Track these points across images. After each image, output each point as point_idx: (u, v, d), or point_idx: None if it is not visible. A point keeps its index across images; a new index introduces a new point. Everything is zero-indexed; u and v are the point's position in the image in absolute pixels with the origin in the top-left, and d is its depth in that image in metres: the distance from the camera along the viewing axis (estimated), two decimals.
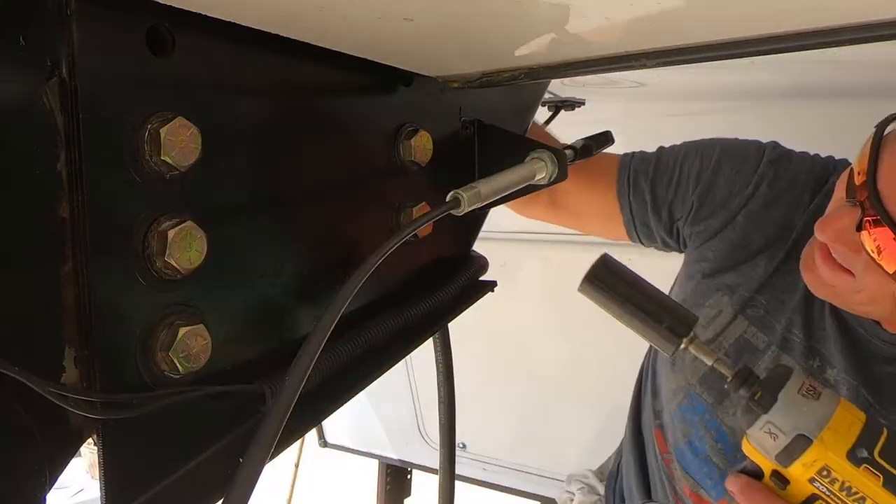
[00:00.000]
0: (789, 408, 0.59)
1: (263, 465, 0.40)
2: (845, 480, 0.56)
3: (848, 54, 0.92)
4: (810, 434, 0.57)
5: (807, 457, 0.57)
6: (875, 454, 0.56)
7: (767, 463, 0.61)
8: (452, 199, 0.54)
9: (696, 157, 1.14)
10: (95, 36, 0.41)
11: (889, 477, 0.55)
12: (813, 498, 0.59)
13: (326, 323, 0.44)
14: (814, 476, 0.57)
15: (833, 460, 0.56)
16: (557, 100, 1.47)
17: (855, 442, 0.56)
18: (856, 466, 0.56)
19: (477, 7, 0.44)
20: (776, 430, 0.59)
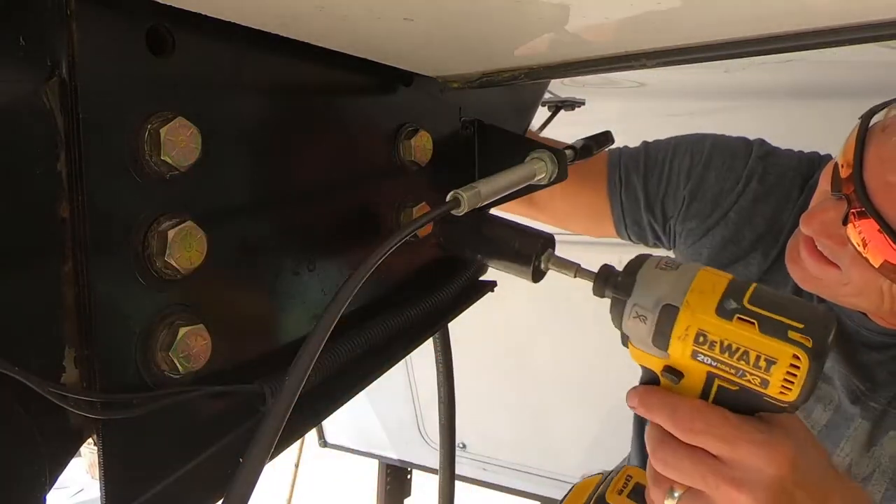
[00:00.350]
0: (649, 283, 0.56)
1: (263, 465, 0.40)
2: (723, 339, 0.53)
3: (848, 54, 0.92)
4: (675, 302, 0.54)
5: (678, 327, 0.54)
6: (745, 303, 0.53)
7: (653, 360, 0.58)
8: (452, 199, 0.54)
9: (686, 152, 1.14)
10: (95, 36, 0.41)
11: (763, 320, 0.52)
12: (709, 380, 0.56)
13: (326, 323, 0.44)
14: (694, 349, 0.54)
15: (704, 321, 0.53)
16: (557, 100, 1.47)
17: (721, 296, 0.53)
18: (728, 320, 0.53)
19: (477, 7, 0.44)
20: (643, 310, 0.56)
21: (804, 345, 0.50)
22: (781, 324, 0.51)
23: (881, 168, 0.77)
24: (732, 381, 0.54)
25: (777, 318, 0.52)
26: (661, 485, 0.59)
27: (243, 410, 0.52)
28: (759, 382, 0.52)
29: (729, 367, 0.53)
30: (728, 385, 0.55)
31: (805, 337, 0.51)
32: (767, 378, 0.52)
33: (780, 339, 0.51)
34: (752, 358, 0.52)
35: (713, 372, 0.55)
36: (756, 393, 0.53)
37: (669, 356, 0.56)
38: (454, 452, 0.89)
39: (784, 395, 0.52)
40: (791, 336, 0.51)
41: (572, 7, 0.43)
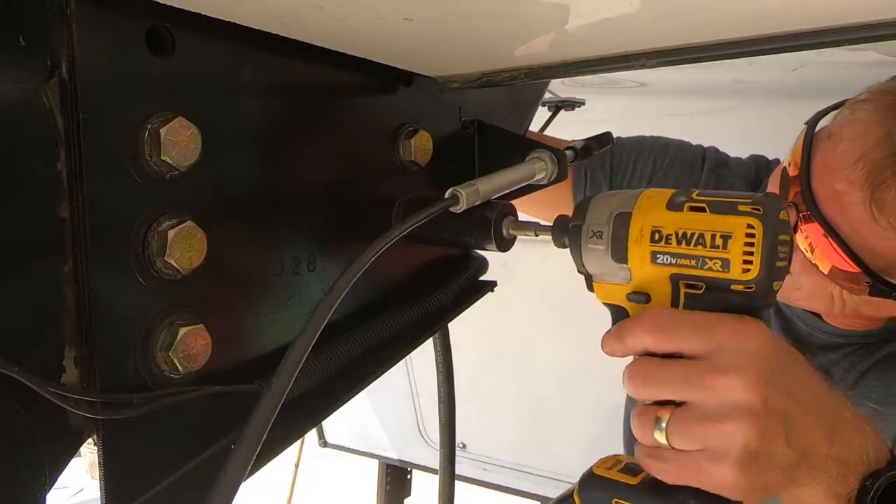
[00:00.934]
0: (602, 202, 0.57)
1: (251, 460, 0.40)
2: (677, 229, 0.52)
3: (849, 54, 0.92)
4: (627, 209, 0.55)
5: (633, 229, 0.54)
6: (692, 196, 0.53)
7: (617, 289, 0.57)
8: (451, 196, 0.54)
9: (649, 156, 1.16)
10: (95, 36, 0.41)
11: (713, 203, 0.52)
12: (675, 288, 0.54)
13: (322, 313, 0.44)
14: (652, 249, 0.53)
15: (656, 217, 0.53)
16: (557, 100, 1.47)
17: (670, 196, 0.54)
18: (679, 211, 0.53)
19: (477, 7, 0.44)
20: (597, 226, 0.56)
21: (755, 213, 0.50)
22: (730, 202, 0.52)
23: (828, 176, 0.77)
24: (696, 276, 0.53)
25: (725, 199, 0.52)
26: (647, 419, 0.53)
27: (243, 410, 0.52)
28: (721, 265, 0.51)
29: (689, 259, 0.52)
30: (694, 289, 0.53)
31: (755, 207, 0.50)
32: (727, 256, 0.51)
33: (731, 214, 0.51)
34: (707, 239, 0.51)
35: (676, 273, 0.53)
36: (722, 284, 0.52)
37: (631, 273, 0.55)
38: (454, 452, 0.89)
39: (748, 272, 0.50)
40: (741, 209, 0.51)
41: (572, 7, 0.43)
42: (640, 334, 0.54)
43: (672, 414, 0.52)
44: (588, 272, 0.59)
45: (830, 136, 0.80)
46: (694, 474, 0.51)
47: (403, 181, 0.67)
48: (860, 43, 0.47)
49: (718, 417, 0.50)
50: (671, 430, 0.52)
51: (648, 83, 1.32)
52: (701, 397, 0.51)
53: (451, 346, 0.84)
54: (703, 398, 0.51)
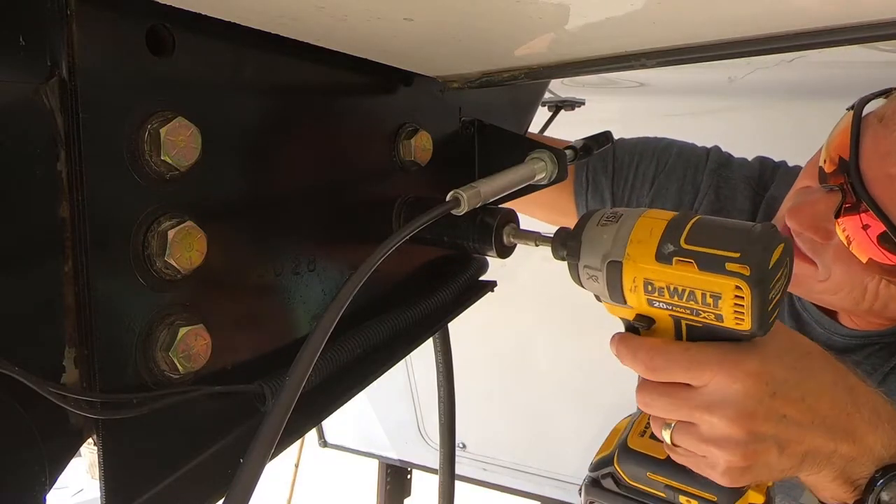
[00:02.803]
0: (592, 242, 0.56)
1: (264, 465, 0.40)
2: (668, 284, 0.52)
3: (848, 54, 0.92)
4: (618, 257, 0.54)
5: (626, 280, 0.54)
6: (681, 243, 0.52)
7: (624, 310, 0.58)
8: (452, 199, 0.54)
9: (652, 158, 1.15)
10: (95, 36, 0.41)
11: (700, 257, 0.51)
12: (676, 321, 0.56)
13: (326, 323, 0.44)
14: (647, 297, 0.54)
15: (646, 269, 0.53)
16: (557, 100, 1.47)
17: (658, 242, 0.53)
18: (668, 264, 0.52)
19: (477, 7, 0.44)
20: (592, 270, 0.56)
21: (742, 274, 0.50)
22: (717, 257, 0.51)
23: (882, 161, 0.75)
24: (693, 320, 0.54)
25: (712, 253, 0.51)
26: (657, 420, 0.61)
27: (243, 410, 0.52)
28: (714, 317, 0.53)
29: (683, 308, 0.53)
30: (694, 323, 0.55)
31: (742, 266, 0.50)
32: (719, 312, 0.52)
33: (718, 274, 0.51)
34: (698, 297, 0.52)
35: (674, 315, 0.55)
36: (718, 329, 0.54)
37: (632, 308, 0.57)
38: (454, 452, 0.89)
39: (740, 324, 0.52)
40: (728, 268, 0.50)
41: (572, 7, 0.43)
42: (633, 363, 0.60)
43: (676, 424, 0.60)
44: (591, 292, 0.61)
45: (882, 120, 0.77)
46: (695, 467, 0.60)
47: (403, 181, 0.67)
48: (860, 43, 0.47)
49: (708, 441, 0.57)
50: (675, 437, 0.60)
51: (648, 83, 1.32)
52: (696, 422, 0.58)
53: (451, 346, 0.84)
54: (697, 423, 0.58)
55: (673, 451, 0.61)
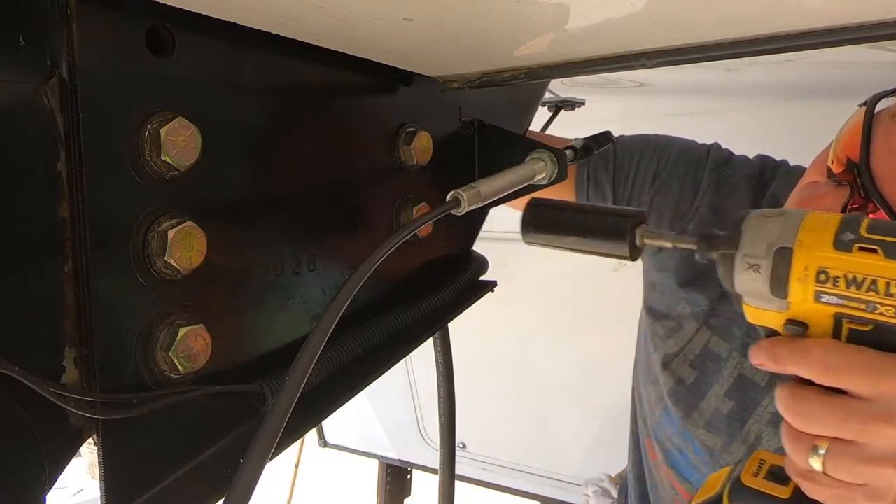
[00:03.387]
0: (756, 231, 0.53)
1: (264, 465, 0.40)
2: (846, 272, 0.49)
3: (847, 54, 0.92)
4: (788, 243, 0.51)
5: (796, 268, 0.50)
6: (862, 232, 0.49)
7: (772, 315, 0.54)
8: (452, 199, 0.54)
9: (653, 155, 1.14)
10: (95, 36, 0.41)
11: (887, 245, 0.48)
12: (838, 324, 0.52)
13: (326, 323, 0.44)
14: (817, 290, 0.50)
15: (822, 257, 0.50)
16: (557, 100, 1.47)
17: (836, 231, 0.50)
18: (848, 252, 0.49)
19: (477, 7, 0.44)
20: (754, 259, 0.52)
21: None
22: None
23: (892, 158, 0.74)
24: (864, 318, 0.50)
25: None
26: (803, 445, 0.53)
27: (243, 410, 0.52)
28: (894, 313, 0.48)
29: (858, 303, 0.49)
30: (860, 326, 0.51)
31: None
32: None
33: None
34: (881, 286, 0.48)
35: (841, 312, 0.51)
36: (893, 328, 0.49)
37: (790, 305, 0.52)
38: (454, 452, 0.89)
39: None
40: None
41: (572, 7, 0.43)
42: (803, 366, 0.53)
43: (831, 446, 0.52)
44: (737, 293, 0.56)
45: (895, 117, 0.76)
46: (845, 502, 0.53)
47: (403, 181, 0.67)
48: (860, 43, 0.47)
49: (880, 461, 0.50)
50: (829, 462, 0.52)
51: (648, 83, 1.32)
52: (865, 440, 0.51)
53: (451, 346, 0.84)
54: (866, 440, 0.51)
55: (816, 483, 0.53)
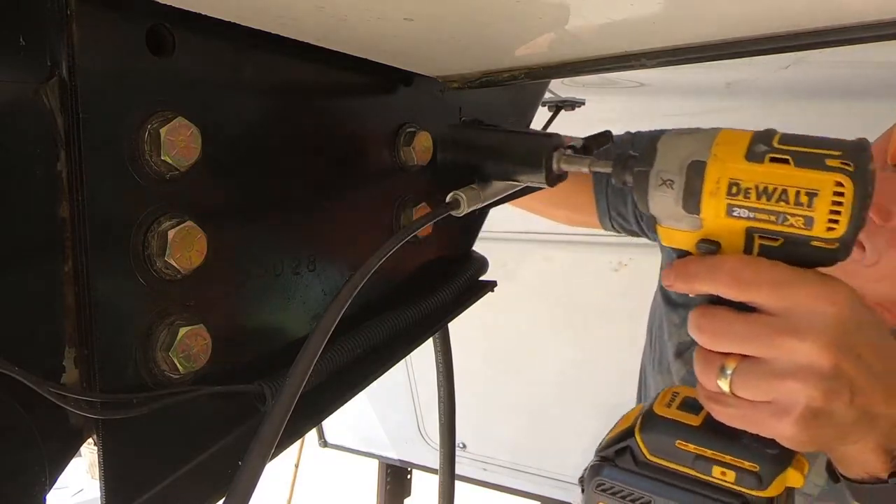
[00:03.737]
0: (671, 147, 0.52)
1: (264, 466, 0.40)
2: (758, 183, 0.48)
3: (849, 54, 0.92)
4: (702, 157, 0.50)
5: (708, 181, 0.50)
6: (774, 144, 0.49)
7: (685, 236, 0.54)
8: (452, 200, 0.54)
9: None
10: (95, 36, 0.41)
11: (798, 155, 0.48)
12: (749, 239, 0.51)
13: (327, 324, 0.44)
14: (729, 202, 0.50)
15: (735, 168, 0.49)
16: (557, 100, 1.47)
17: (749, 143, 0.50)
18: (760, 162, 0.49)
19: (477, 7, 0.44)
20: (668, 174, 0.52)
21: (846, 170, 0.47)
22: (817, 155, 0.48)
23: None
24: (774, 231, 0.50)
25: (812, 151, 0.48)
26: (712, 365, 0.53)
27: (243, 410, 0.52)
28: (804, 223, 0.48)
29: (769, 214, 0.49)
30: (770, 241, 0.51)
31: (845, 162, 0.47)
32: (811, 214, 0.48)
33: (818, 170, 0.47)
34: (791, 196, 0.48)
35: (752, 226, 0.50)
36: (802, 239, 0.49)
37: (703, 223, 0.52)
38: (454, 452, 0.89)
39: (832, 230, 0.48)
40: (830, 164, 0.47)
41: (572, 7, 0.43)
42: (714, 282, 0.52)
43: (738, 365, 0.52)
44: (652, 215, 0.56)
45: None
46: (755, 423, 0.52)
47: (403, 181, 0.67)
48: (860, 43, 0.47)
49: (786, 375, 0.50)
50: (736, 381, 0.52)
51: (648, 83, 1.32)
52: (771, 354, 0.51)
53: (451, 346, 0.84)
54: (773, 356, 0.51)
55: (724, 405, 0.53)
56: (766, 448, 0.54)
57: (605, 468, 0.60)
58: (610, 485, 0.59)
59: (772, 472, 0.53)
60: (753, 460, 0.54)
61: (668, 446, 0.57)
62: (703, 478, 0.55)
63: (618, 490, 0.58)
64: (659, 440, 0.58)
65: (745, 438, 0.54)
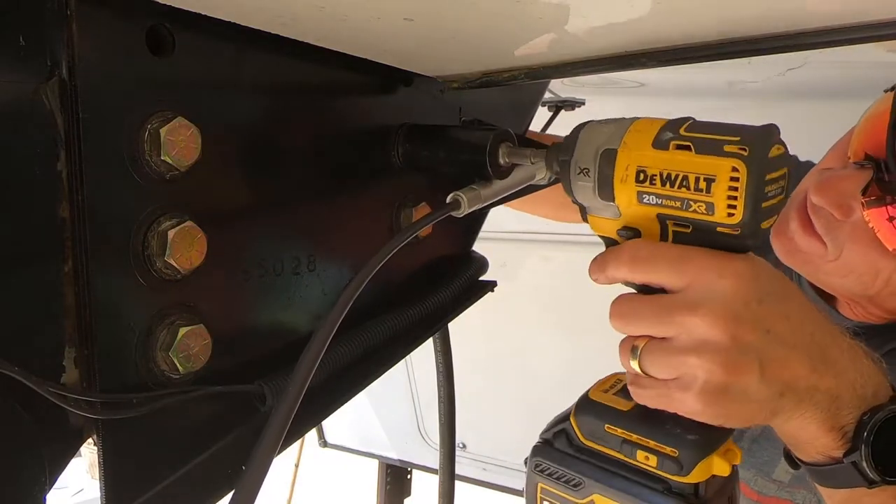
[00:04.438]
0: (590, 136, 0.54)
1: (268, 467, 0.40)
2: (661, 170, 0.50)
3: (848, 54, 0.92)
4: (613, 145, 0.52)
5: (618, 169, 0.52)
6: (680, 131, 0.51)
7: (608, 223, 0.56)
8: (453, 201, 0.54)
9: None
10: (95, 36, 0.41)
11: (698, 142, 0.49)
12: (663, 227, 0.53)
13: (331, 324, 0.44)
14: (638, 189, 0.52)
15: (641, 156, 0.51)
16: (557, 100, 1.47)
17: (658, 131, 0.51)
18: (664, 150, 0.50)
19: (477, 7, 0.44)
20: (584, 163, 0.54)
21: (740, 155, 0.48)
22: (716, 141, 0.49)
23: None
24: (682, 218, 0.52)
25: (711, 137, 0.50)
26: (626, 347, 0.55)
27: (243, 410, 0.52)
28: (705, 209, 0.50)
29: (673, 201, 0.51)
30: (682, 228, 0.53)
31: (741, 147, 0.48)
32: (711, 200, 0.49)
33: (715, 156, 0.49)
34: (691, 182, 0.50)
35: (662, 213, 0.52)
36: (707, 226, 0.51)
37: (620, 210, 0.54)
38: (454, 452, 0.89)
39: (732, 216, 0.49)
40: (727, 150, 0.49)
41: (572, 7, 0.43)
42: (619, 265, 0.54)
43: (645, 345, 0.54)
44: (580, 204, 0.58)
45: None
46: (667, 401, 0.53)
47: (403, 181, 0.67)
48: (860, 43, 0.47)
49: (685, 350, 0.51)
50: (644, 360, 0.54)
51: (648, 83, 1.32)
52: (672, 332, 0.52)
53: (451, 346, 0.84)
54: (674, 332, 0.52)
55: (640, 386, 0.55)
56: (687, 434, 0.54)
57: (544, 450, 0.62)
58: (546, 466, 0.61)
59: (691, 458, 0.54)
60: (673, 445, 0.54)
61: (599, 430, 0.59)
62: (630, 462, 0.56)
63: (553, 471, 0.61)
64: (591, 423, 0.60)
65: (669, 424, 0.55)
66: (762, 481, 0.92)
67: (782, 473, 0.91)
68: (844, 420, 0.55)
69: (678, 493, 0.54)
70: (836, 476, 0.57)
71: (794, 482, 0.90)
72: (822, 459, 0.58)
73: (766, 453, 0.94)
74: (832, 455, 0.57)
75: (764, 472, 0.91)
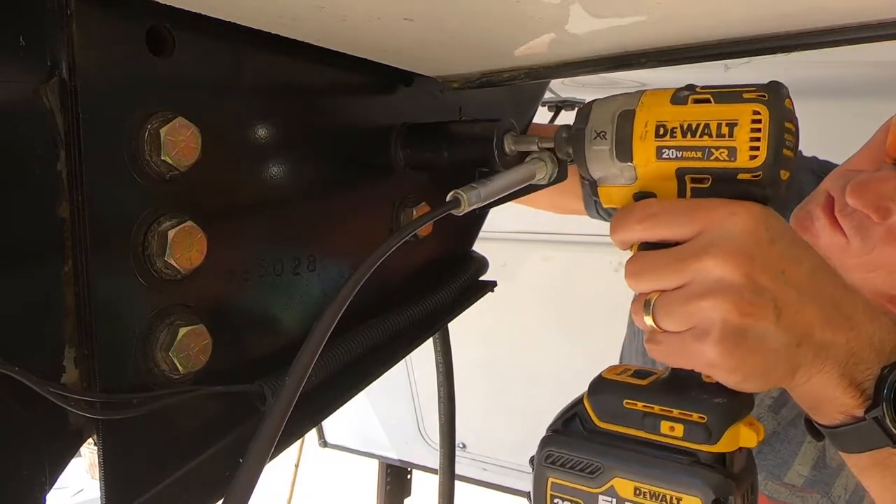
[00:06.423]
0: (603, 104, 0.55)
1: (263, 466, 0.40)
2: (682, 121, 0.51)
3: (848, 54, 0.92)
4: (630, 106, 0.54)
5: (637, 126, 0.53)
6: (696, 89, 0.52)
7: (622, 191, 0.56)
8: (452, 199, 0.54)
9: None
10: (95, 36, 0.41)
11: (717, 94, 0.51)
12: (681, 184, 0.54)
13: (326, 323, 0.44)
14: (657, 145, 0.52)
15: (660, 112, 0.52)
16: (557, 100, 1.47)
17: (674, 91, 0.53)
18: (683, 104, 0.52)
19: (477, 7, 0.44)
20: (601, 126, 0.55)
21: (761, 100, 0.50)
22: (735, 91, 0.51)
23: None
24: (702, 168, 0.52)
25: (730, 90, 0.51)
26: (638, 304, 0.54)
27: (243, 410, 0.52)
28: (727, 154, 0.50)
29: (695, 151, 0.51)
30: (700, 183, 0.53)
31: (760, 94, 0.50)
32: (733, 145, 0.50)
33: (736, 102, 0.50)
34: (713, 128, 0.51)
35: (681, 166, 0.52)
36: (728, 173, 0.51)
37: (636, 171, 0.54)
38: (454, 452, 0.89)
39: (755, 158, 0.50)
40: (747, 97, 0.50)
41: (572, 7, 0.43)
42: (632, 224, 0.54)
43: (658, 296, 0.52)
44: (592, 178, 0.57)
45: None
46: (683, 354, 0.52)
47: (403, 180, 0.67)
48: (860, 43, 0.47)
49: (699, 295, 0.50)
50: (658, 312, 0.52)
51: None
52: (685, 279, 0.51)
53: (451, 346, 0.84)
54: (687, 279, 0.51)
55: (656, 343, 0.53)
56: (714, 398, 0.53)
57: (555, 439, 0.59)
58: (559, 455, 0.58)
59: (721, 424, 0.52)
60: (701, 411, 0.52)
61: (616, 407, 0.56)
62: (652, 438, 0.54)
63: (567, 460, 0.57)
64: (607, 401, 0.57)
65: (694, 391, 0.53)
66: (773, 485, 0.91)
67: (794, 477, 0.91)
68: (863, 375, 0.54)
69: (707, 465, 0.52)
70: (860, 436, 0.55)
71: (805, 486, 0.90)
72: (843, 419, 0.56)
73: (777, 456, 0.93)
74: (853, 413, 0.55)
75: (775, 476, 0.90)
